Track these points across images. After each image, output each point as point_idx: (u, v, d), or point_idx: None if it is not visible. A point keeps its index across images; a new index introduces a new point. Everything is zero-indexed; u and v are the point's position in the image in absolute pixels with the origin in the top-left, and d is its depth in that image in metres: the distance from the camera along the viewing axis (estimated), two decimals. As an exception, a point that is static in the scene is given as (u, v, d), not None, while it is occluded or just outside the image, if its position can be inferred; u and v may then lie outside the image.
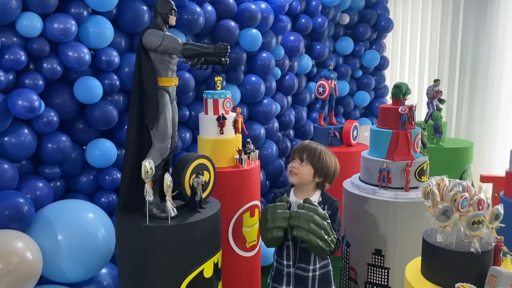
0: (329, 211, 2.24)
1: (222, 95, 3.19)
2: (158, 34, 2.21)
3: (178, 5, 3.46)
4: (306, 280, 2.26)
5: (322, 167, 2.27)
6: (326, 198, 2.32)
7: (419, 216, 2.95)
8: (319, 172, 2.28)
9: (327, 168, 2.29)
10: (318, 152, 2.28)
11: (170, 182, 2.15)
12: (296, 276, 2.28)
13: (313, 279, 2.26)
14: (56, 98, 2.99)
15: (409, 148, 3.12)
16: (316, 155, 2.27)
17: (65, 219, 2.77)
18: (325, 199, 2.30)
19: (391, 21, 5.74)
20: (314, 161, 2.27)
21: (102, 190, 3.31)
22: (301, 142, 2.40)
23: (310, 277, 2.26)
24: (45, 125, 2.85)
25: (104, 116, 3.13)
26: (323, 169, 2.28)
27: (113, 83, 3.18)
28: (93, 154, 3.17)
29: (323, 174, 2.29)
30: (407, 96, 3.27)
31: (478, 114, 5.80)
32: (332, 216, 2.24)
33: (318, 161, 2.27)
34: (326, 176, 2.31)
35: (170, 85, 2.33)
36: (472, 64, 5.83)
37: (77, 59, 2.91)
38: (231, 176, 3.12)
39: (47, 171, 3.00)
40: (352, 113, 5.79)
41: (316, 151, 2.29)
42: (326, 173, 2.29)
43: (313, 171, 2.28)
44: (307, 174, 2.28)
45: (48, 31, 2.81)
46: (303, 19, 4.78)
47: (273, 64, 4.28)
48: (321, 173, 2.29)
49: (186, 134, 3.86)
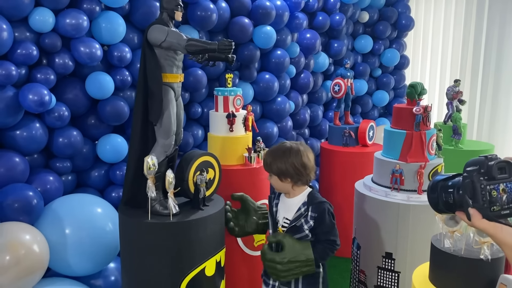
0: (314, 213, 2.15)
1: (232, 93, 3.16)
2: (163, 29, 2.20)
3: (192, 1, 3.46)
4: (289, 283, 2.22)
5: (281, 172, 2.15)
6: (312, 200, 2.18)
7: (431, 219, 2.84)
8: (283, 176, 2.16)
9: (286, 170, 2.14)
10: (271, 162, 2.17)
11: (172, 179, 2.14)
12: None
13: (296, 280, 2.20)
14: (68, 93, 3.02)
15: (423, 149, 3.03)
16: (269, 165, 2.18)
17: (73, 213, 2.80)
18: (311, 201, 2.17)
19: (412, 19, 5.61)
20: (273, 171, 2.17)
21: (113, 185, 3.34)
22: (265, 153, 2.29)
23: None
24: (57, 119, 2.88)
25: (115, 111, 3.15)
26: (283, 173, 2.15)
27: (124, 79, 3.19)
28: (104, 149, 3.19)
29: (287, 176, 2.15)
30: (422, 96, 3.17)
31: (501, 116, 5.61)
32: (318, 218, 2.14)
33: (275, 169, 2.16)
34: (291, 176, 2.15)
35: (175, 81, 2.31)
36: (496, 64, 5.63)
37: (88, 54, 2.93)
38: (240, 174, 3.10)
39: (58, 165, 3.03)
40: (370, 112, 5.69)
41: (268, 160, 2.19)
42: (289, 174, 2.15)
43: (277, 177, 2.18)
44: (277, 183, 2.20)
45: (61, 26, 2.84)
46: (320, 17, 4.71)
47: (287, 62, 4.23)
48: (285, 176, 2.16)
49: (199, 131, 3.86)
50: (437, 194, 1.18)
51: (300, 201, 2.20)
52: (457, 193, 1.12)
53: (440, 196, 1.17)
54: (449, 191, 1.14)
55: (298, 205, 2.19)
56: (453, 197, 1.13)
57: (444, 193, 1.16)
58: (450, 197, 1.14)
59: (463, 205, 1.10)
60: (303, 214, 2.16)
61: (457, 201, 1.12)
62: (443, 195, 1.16)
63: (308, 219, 2.15)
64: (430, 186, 1.20)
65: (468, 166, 1.10)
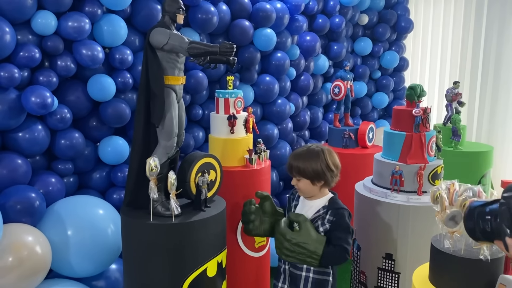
0: (332, 217, 2.18)
1: (233, 95, 3.18)
2: (165, 32, 2.22)
3: (193, 4, 3.48)
4: (298, 281, 2.23)
5: (316, 174, 2.17)
6: (332, 205, 2.22)
7: (431, 220, 2.85)
8: (317, 179, 2.19)
9: (322, 172, 2.17)
10: (305, 166, 2.17)
11: (174, 180, 2.16)
12: (291, 274, 2.26)
13: (305, 281, 2.22)
14: (70, 95, 3.04)
15: (422, 151, 3.05)
16: (303, 169, 2.17)
17: (75, 214, 2.81)
18: (331, 206, 2.21)
19: (412, 21, 5.64)
20: (305, 175, 2.18)
21: (114, 186, 3.35)
22: (290, 155, 2.28)
23: (302, 277, 2.22)
24: (59, 121, 2.90)
25: (117, 113, 3.17)
26: (319, 175, 2.17)
27: (126, 81, 3.21)
28: (105, 151, 3.21)
29: (321, 178, 2.19)
30: (421, 98, 3.19)
31: (501, 118, 5.62)
32: (335, 222, 2.16)
33: (309, 173, 2.17)
34: (326, 178, 2.19)
35: (177, 83, 2.33)
36: (495, 66, 5.65)
37: (90, 57, 2.95)
38: (241, 175, 3.11)
39: (60, 167, 3.05)
40: (370, 114, 5.71)
41: (301, 165, 2.18)
42: (324, 177, 2.18)
43: (310, 181, 2.20)
44: (308, 187, 2.21)
45: (63, 29, 2.86)
46: (320, 19, 4.74)
47: (287, 64, 4.26)
48: (318, 179, 2.19)
49: (199, 133, 3.88)
50: (474, 221, 1.10)
51: (321, 204, 2.24)
52: (494, 220, 1.05)
53: (477, 223, 1.10)
54: (486, 218, 1.07)
55: (318, 207, 2.24)
56: (491, 225, 1.06)
57: (482, 221, 1.09)
58: (487, 225, 1.07)
59: (501, 234, 1.02)
60: (321, 216, 2.20)
61: (495, 230, 1.05)
62: (480, 222, 1.09)
63: (325, 222, 2.19)
64: (467, 213, 1.13)
65: (506, 191, 1.02)
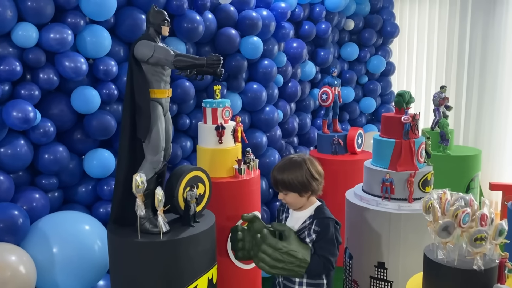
0: (317, 227, 2.13)
1: (221, 104, 3.14)
2: (150, 45, 2.17)
3: (178, 14, 3.44)
4: None
5: (303, 186, 2.12)
6: (318, 214, 2.16)
7: (423, 228, 2.85)
8: (304, 191, 2.13)
9: (308, 183, 2.12)
10: (290, 179, 2.11)
11: (162, 196, 2.10)
12: (285, 286, 2.21)
13: None
14: (53, 108, 2.96)
15: (412, 158, 3.04)
16: (289, 182, 2.11)
17: (60, 231, 2.74)
18: (317, 215, 2.16)
19: (397, 26, 5.66)
20: (292, 188, 2.12)
21: (100, 200, 3.28)
22: (273, 170, 2.21)
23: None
24: (42, 135, 2.83)
25: (102, 126, 3.10)
26: (305, 186, 2.12)
27: (111, 93, 3.15)
28: (91, 164, 3.14)
29: (308, 189, 2.14)
30: (410, 104, 3.18)
31: (487, 121, 5.68)
32: (320, 233, 2.11)
33: (296, 185, 2.11)
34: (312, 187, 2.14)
35: (163, 96, 2.28)
36: (480, 69, 5.71)
37: (73, 69, 2.88)
38: (230, 187, 3.07)
39: (44, 182, 2.97)
40: (358, 119, 5.71)
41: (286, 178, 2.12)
42: (310, 186, 2.13)
43: (297, 194, 2.15)
44: (296, 199, 2.16)
45: (44, 41, 2.79)
46: (306, 26, 4.72)
47: (275, 72, 4.23)
48: (305, 190, 2.13)
49: (187, 142, 3.82)
50: None
51: (307, 214, 2.20)
52: None
53: None
54: None
55: (304, 217, 2.19)
56: None
57: None
58: None
59: None
60: (307, 227, 2.16)
61: None
62: None
63: (311, 232, 2.15)
64: None
65: None
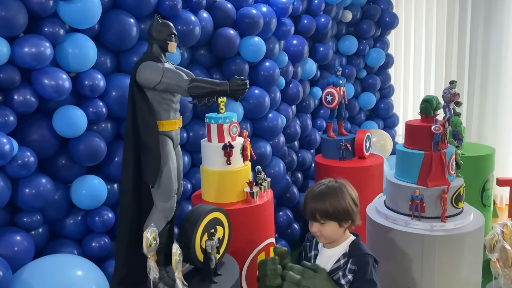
0: (354, 266, 1.82)
1: (227, 120, 2.75)
2: (156, 68, 1.74)
3: (171, 15, 3.00)
4: None
5: (346, 213, 1.84)
6: (354, 250, 1.88)
7: (459, 250, 2.61)
8: (345, 220, 1.86)
9: (351, 210, 1.87)
10: (333, 206, 1.83)
11: (180, 255, 1.69)
12: None
13: None
14: (32, 134, 2.53)
15: (444, 171, 2.75)
16: (332, 210, 1.83)
17: (49, 280, 2.31)
18: (352, 252, 1.87)
19: (396, 16, 5.33)
20: (334, 216, 1.83)
21: (92, 233, 2.87)
22: (305, 195, 1.92)
23: None
24: (20, 168, 2.39)
25: (90, 150, 2.68)
26: (348, 214, 1.86)
27: (99, 111, 2.71)
28: (79, 194, 2.72)
29: (349, 217, 1.87)
30: (437, 111, 2.87)
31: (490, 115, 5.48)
32: (358, 272, 1.82)
33: (339, 213, 1.84)
34: (353, 216, 1.88)
35: (173, 129, 1.86)
36: (482, 59, 5.46)
37: (54, 87, 2.44)
38: (243, 213, 2.71)
39: (25, 220, 2.54)
40: (357, 116, 5.40)
41: (328, 206, 1.84)
42: (352, 215, 1.87)
43: (337, 223, 1.85)
44: (334, 231, 1.86)
45: (18, 56, 2.35)
46: (305, 20, 4.33)
47: (277, 74, 3.83)
48: (347, 218, 1.87)
49: (185, 157, 3.40)
50: None
51: (341, 252, 1.88)
52: None
53: None
54: None
55: (338, 256, 1.88)
56: None
57: None
58: None
59: None
60: (341, 267, 1.85)
61: None
62: None
63: (346, 273, 1.84)
64: None
65: None
